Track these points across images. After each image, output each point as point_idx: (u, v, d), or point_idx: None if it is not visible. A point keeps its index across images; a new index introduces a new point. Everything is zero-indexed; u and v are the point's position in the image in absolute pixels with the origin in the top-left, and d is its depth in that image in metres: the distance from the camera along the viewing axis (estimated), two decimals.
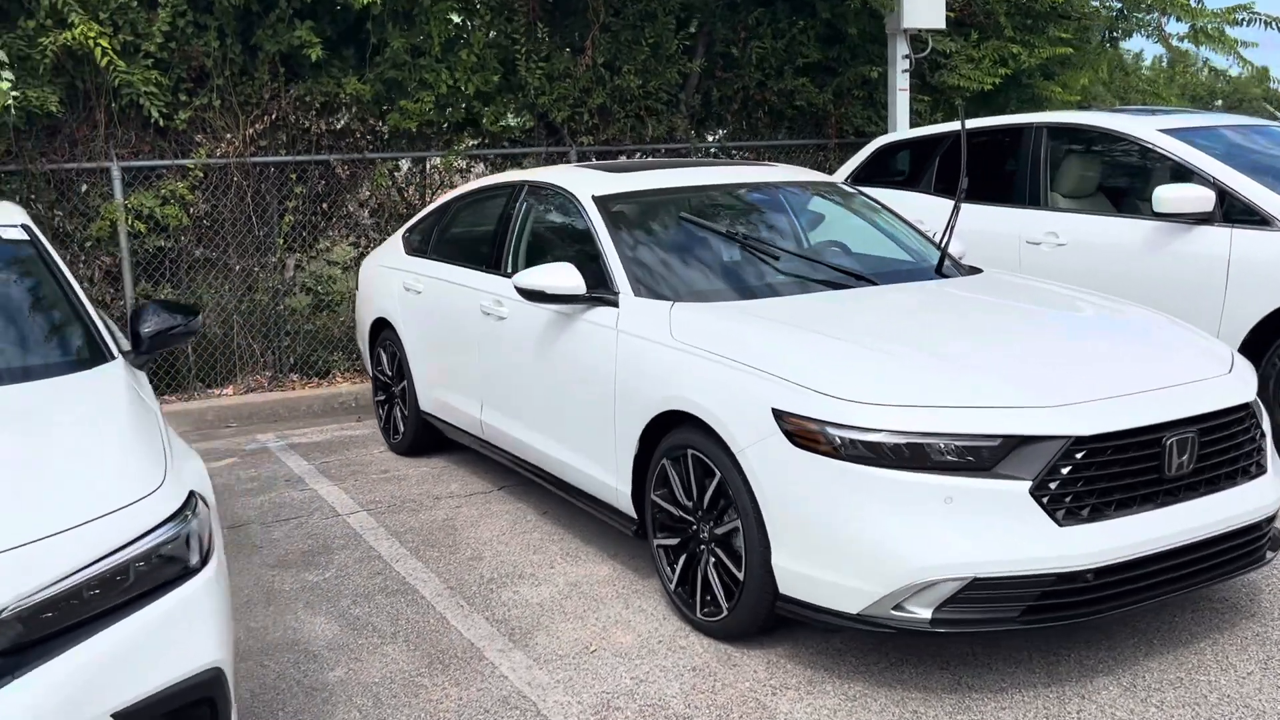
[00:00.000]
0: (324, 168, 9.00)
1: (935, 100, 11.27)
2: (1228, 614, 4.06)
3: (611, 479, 4.44)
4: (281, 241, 8.77)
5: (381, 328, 6.53)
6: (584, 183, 5.11)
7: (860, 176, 8.03)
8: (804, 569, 3.55)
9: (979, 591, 3.37)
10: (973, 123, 7.60)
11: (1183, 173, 6.16)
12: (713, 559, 3.92)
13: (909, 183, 7.66)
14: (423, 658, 3.93)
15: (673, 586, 4.15)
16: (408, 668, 3.86)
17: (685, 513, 4.04)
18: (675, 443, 4.05)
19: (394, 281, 6.34)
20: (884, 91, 10.58)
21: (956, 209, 4.99)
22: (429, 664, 3.88)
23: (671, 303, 4.36)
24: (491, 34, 9.24)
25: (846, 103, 10.82)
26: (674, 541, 4.13)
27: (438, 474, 6.08)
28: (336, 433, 7.20)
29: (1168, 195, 5.90)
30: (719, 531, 3.88)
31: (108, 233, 8.16)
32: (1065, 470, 3.38)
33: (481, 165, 9.93)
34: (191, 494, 2.92)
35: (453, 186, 8.94)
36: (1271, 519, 3.83)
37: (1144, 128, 6.41)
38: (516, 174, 5.85)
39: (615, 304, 4.50)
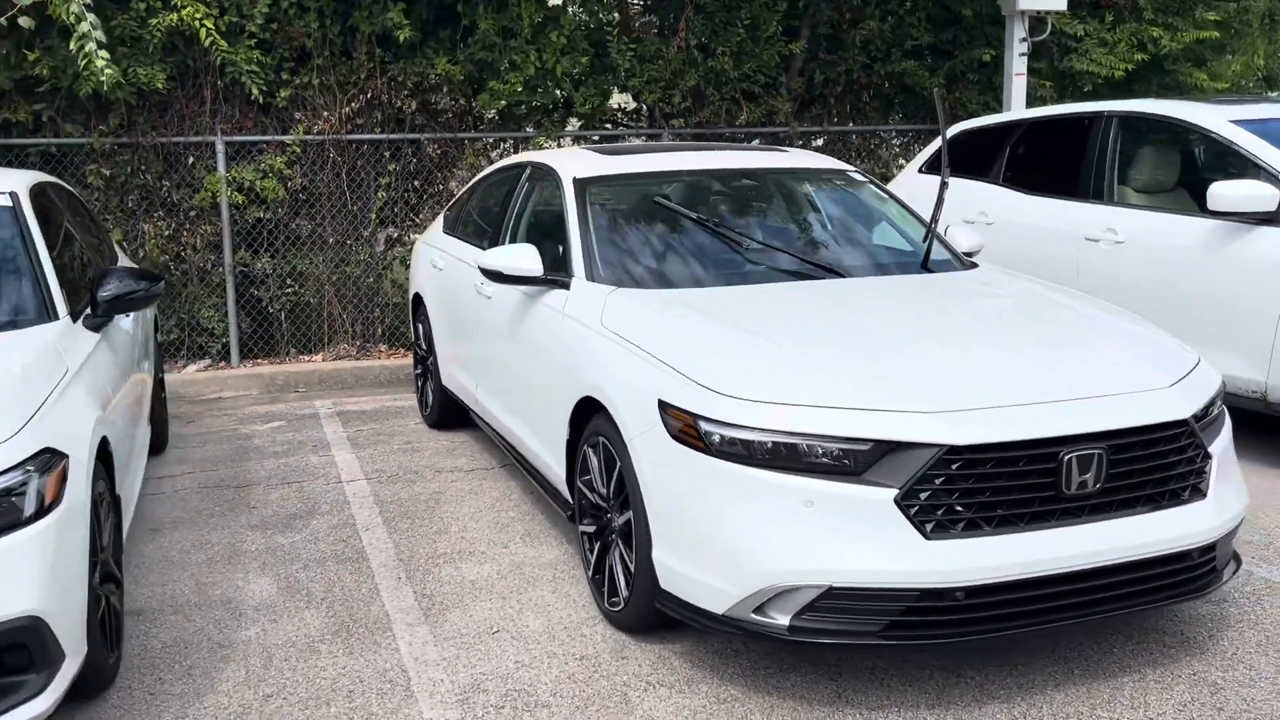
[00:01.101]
0: (416, 146, 9.25)
1: (1062, 86, 10.69)
2: (1174, 647, 3.74)
3: (553, 462, 4.45)
4: (374, 217, 9.09)
5: (419, 303, 6.70)
6: (571, 164, 5.10)
7: (935, 164, 7.71)
8: (679, 565, 3.47)
9: (837, 601, 3.21)
10: (1046, 110, 7.19)
11: (1251, 167, 5.66)
12: (619, 549, 3.88)
13: (979, 172, 7.30)
14: (334, 625, 4.04)
15: (590, 573, 4.13)
16: (314, 633, 3.97)
17: (601, 500, 4.01)
18: (592, 429, 4.02)
19: (427, 258, 6.50)
20: (1003, 76, 10.10)
21: (940, 203, 4.74)
22: (335, 631, 3.98)
23: (613, 288, 4.32)
24: (582, 15, 9.28)
25: (961, 87, 10.37)
26: (593, 529, 4.10)
27: (453, 447, 6.21)
28: (389, 402, 7.43)
29: (1223, 192, 5.46)
30: (619, 522, 3.84)
31: (210, 203, 8.63)
32: (938, 480, 3.18)
33: (580, 146, 10.03)
34: (45, 450, 3.08)
35: None
36: (1210, 548, 3.50)
37: (1213, 117, 5.92)
38: (527, 155, 5.89)
39: (567, 287, 4.49)
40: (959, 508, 3.20)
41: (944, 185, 4.73)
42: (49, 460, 3.08)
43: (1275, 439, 5.96)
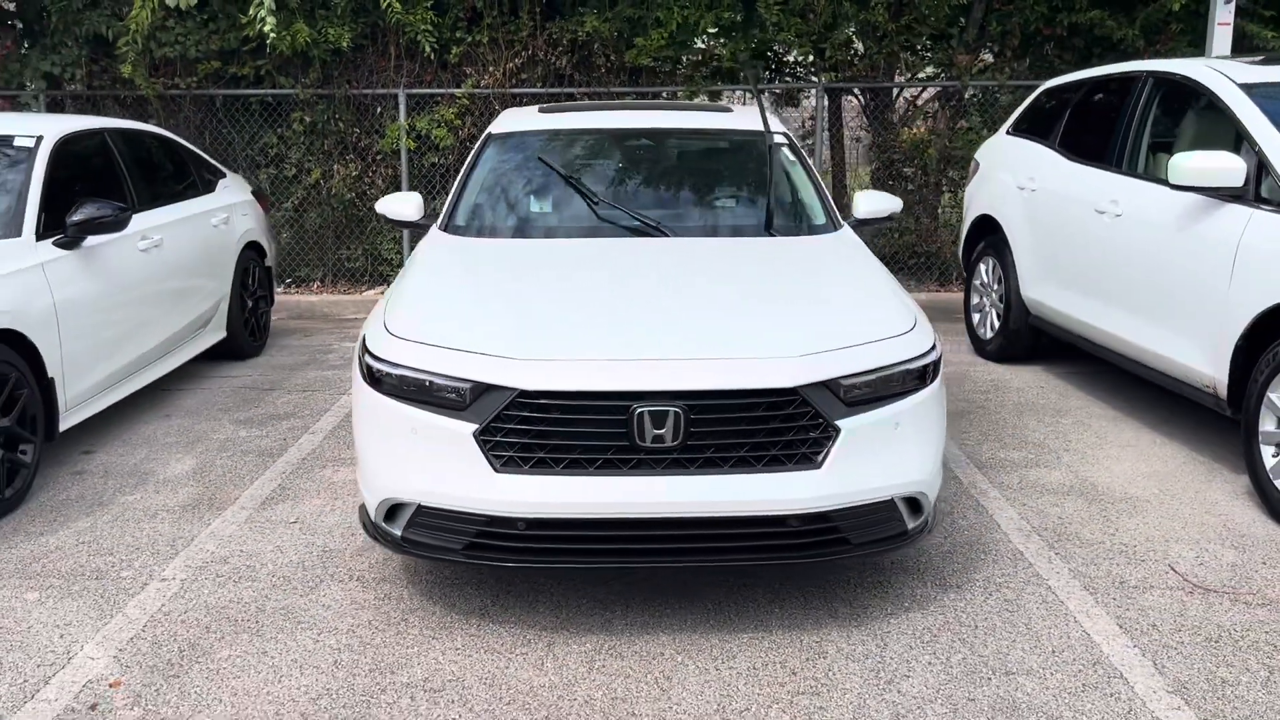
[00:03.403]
0: (571, 100, 9.91)
1: None
2: (844, 616, 3.76)
3: None
4: None
5: None
6: (501, 122, 5.60)
7: (1020, 124, 7.31)
8: (359, 480, 3.97)
9: (427, 519, 3.61)
10: (1103, 69, 6.64)
11: (1238, 137, 5.09)
12: None
13: (1043, 134, 6.87)
14: (194, 501, 4.89)
15: None
16: (173, 505, 4.85)
17: None
18: None
19: None
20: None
21: (772, 166, 4.75)
22: (188, 506, 4.84)
23: (446, 235, 4.83)
24: None
25: (1164, 39, 9.46)
26: None
27: None
28: None
29: (1184, 164, 4.97)
30: None
31: (392, 148, 9.82)
32: (514, 421, 3.47)
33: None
34: None
35: None
36: (822, 517, 3.50)
37: (1220, 80, 5.32)
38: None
39: (427, 231, 5.03)
40: (532, 446, 3.47)
41: (772, 148, 4.75)
42: None
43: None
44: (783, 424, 3.48)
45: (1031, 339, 6.93)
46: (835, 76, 9.71)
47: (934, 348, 3.81)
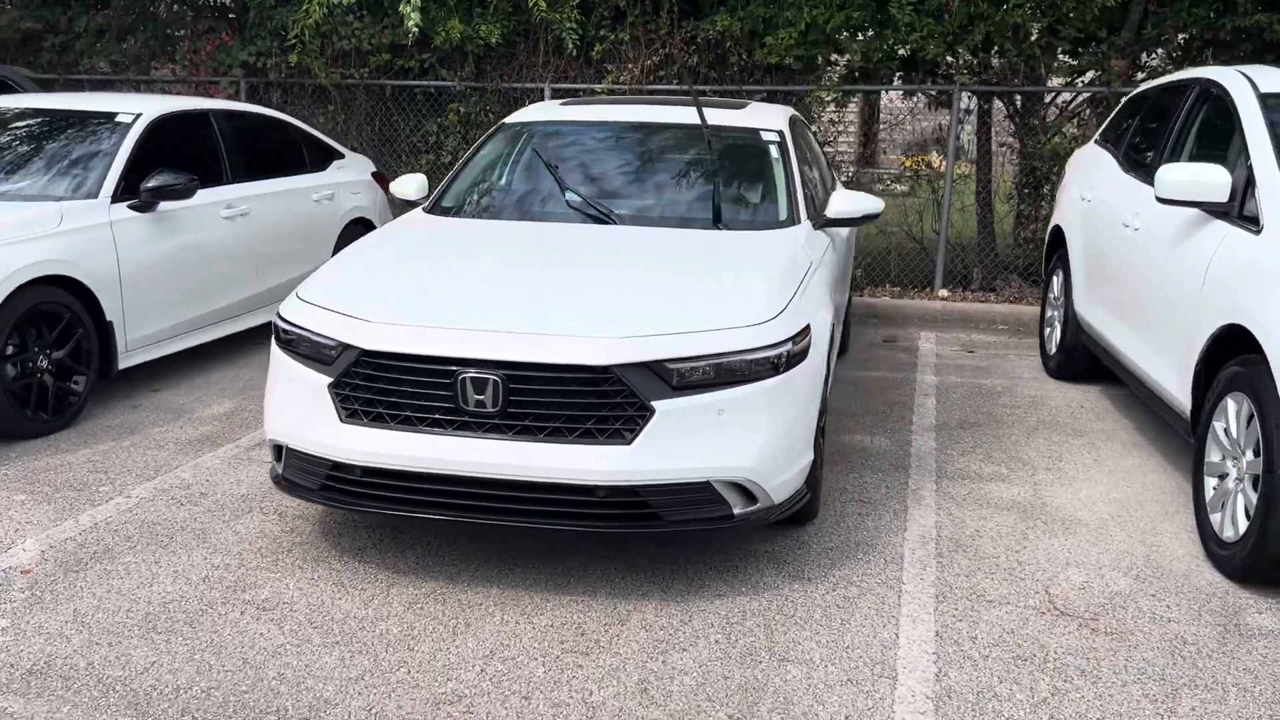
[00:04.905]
0: (703, 96, 10.12)
1: None
2: (669, 594, 3.90)
3: None
4: None
5: None
6: (520, 113, 5.96)
7: (1105, 133, 6.96)
8: None
9: (295, 460, 4.03)
10: (1168, 77, 6.25)
11: (1242, 148, 4.77)
12: None
13: (1115, 143, 6.52)
14: (203, 438, 5.53)
15: None
16: (184, 439, 5.50)
17: None
18: None
19: None
20: None
21: (714, 164, 4.84)
22: (194, 441, 5.48)
23: (425, 215, 5.25)
24: None
25: None
26: None
27: None
28: None
29: (1167, 177, 4.75)
30: None
31: None
32: (359, 377, 3.83)
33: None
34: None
35: (814, 120, 9.63)
36: (631, 491, 3.66)
37: (1243, 87, 4.99)
38: None
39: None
40: (373, 402, 3.82)
41: (710, 144, 4.85)
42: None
43: None
44: (596, 400, 3.66)
45: (1088, 357, 6.61)
46: (971, 79, 9.45)
47: (787, 340, 3.85)
